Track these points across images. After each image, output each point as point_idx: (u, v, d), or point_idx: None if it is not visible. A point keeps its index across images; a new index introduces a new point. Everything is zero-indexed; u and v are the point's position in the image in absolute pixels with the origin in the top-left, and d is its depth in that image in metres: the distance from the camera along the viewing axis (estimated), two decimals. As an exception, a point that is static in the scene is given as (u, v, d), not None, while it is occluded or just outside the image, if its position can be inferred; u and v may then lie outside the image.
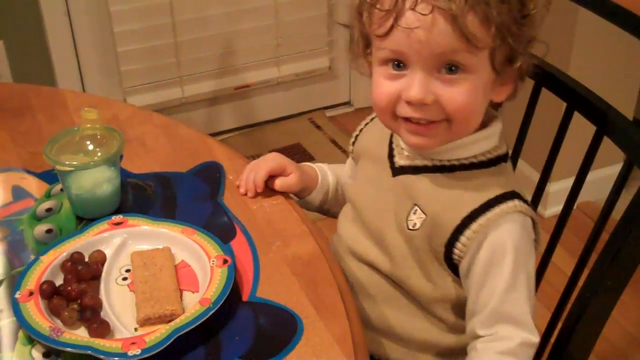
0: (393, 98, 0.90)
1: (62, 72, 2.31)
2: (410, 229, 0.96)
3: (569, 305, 1.06)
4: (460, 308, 0.99)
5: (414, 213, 0.96)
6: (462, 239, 0.92)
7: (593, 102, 1.02)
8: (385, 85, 0.91)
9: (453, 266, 0.95)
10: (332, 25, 2.58)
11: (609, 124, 1.00)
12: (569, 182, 1.09)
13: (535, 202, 1.15)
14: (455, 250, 0.93)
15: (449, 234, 0.93)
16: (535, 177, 1.15)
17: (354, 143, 1.11)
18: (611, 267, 0.96)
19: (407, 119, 0.91)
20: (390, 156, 1.01)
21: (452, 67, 0.87)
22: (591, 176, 1.07)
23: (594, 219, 1.04)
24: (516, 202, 0.92)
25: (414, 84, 0.88)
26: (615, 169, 1.01)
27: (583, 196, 1.13)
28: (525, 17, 0.88)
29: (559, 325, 1.07)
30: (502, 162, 0.96)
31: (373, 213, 1.01)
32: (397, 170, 0.99)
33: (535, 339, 0.94)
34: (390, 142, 1.02)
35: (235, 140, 2.57)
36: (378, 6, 0.88)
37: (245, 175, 1.08)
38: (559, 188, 2.05)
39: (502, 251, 0.91)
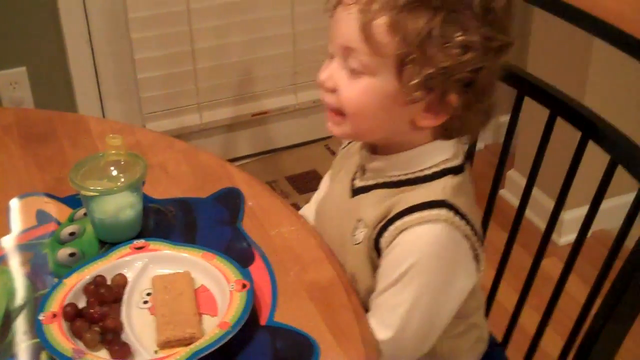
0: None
1: (83, 98, 2.35)
2: (356, 244, 1.00)
3: (582, 334, 1.06)
4: None
5: (357, 228, 1.00)
6: (383, 238, 0.95)
7: (607, 132, 1.04)
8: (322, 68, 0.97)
9: None
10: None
11: (622, 153, 1.01)
12: (584, 211, 1.09)
13: (549, 230, 1.16)
14: (381, 248, 0.96)
15: (377, 233, 0.96)
16: (550, 205, 1.16)
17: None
18: (624, 295, 0.96)
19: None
20: (353, 179, 1.05)
21: (353, 64, 0.91)
22: (608, 204, 1.08)
23: (608, 248, 1.05)
24: (442, 211, 0.92)
25: (325, 68, 0.95)
26: (632, 197, 1.01)
27: (600, 224, 1.13)
28: (446, 44, 0.87)
29: (572, 353, 1.08)
30: (451, 174, 0.97)
31: (330, 229, 1.07)
32: (354, 192, 1.04)
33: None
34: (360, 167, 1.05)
35: (251, 166, 2.60)
36: None
37: None
38: (574, 216, 2.05)
39: (406, 253, 0.93)
